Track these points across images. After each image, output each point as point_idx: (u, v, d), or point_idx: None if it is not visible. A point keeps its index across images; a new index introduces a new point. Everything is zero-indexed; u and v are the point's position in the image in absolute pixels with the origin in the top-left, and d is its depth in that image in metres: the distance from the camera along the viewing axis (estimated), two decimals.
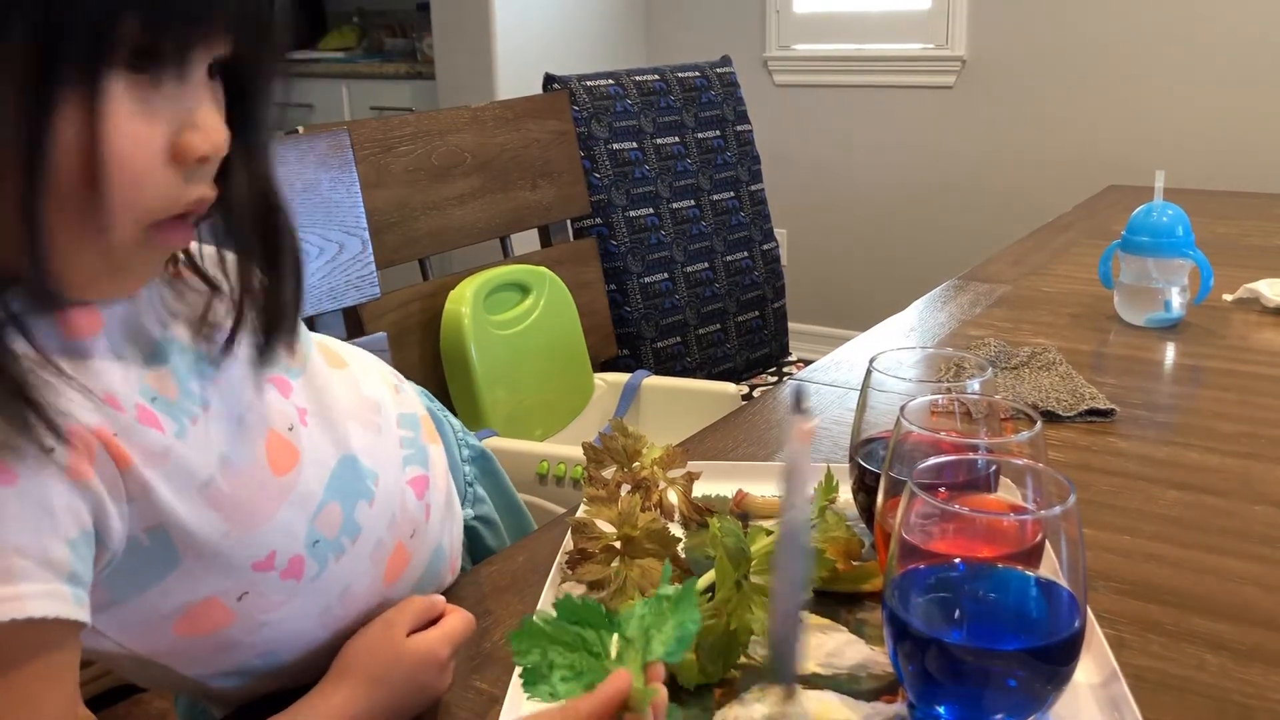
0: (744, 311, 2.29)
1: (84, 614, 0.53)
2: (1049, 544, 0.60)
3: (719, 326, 2.24)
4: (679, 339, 2.16)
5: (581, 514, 0.82)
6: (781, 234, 3.25)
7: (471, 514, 0.90)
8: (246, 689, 0.69)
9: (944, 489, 0.64)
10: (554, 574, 0.80)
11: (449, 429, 0.91)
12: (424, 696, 0.67)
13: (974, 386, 0.76)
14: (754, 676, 0.68)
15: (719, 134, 2.26)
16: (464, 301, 1.68)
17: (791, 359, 2.40)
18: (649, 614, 0.58)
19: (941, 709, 0.60)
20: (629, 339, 2.08)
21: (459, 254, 1.97)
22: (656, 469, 0.85)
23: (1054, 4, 3.00)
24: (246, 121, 0.58)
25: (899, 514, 0.60)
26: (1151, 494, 0.92)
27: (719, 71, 2.29)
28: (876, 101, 3.32)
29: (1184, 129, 2.88)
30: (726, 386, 1.84)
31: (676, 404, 1.85)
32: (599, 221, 2.04)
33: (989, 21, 3.11)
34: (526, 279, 1.80)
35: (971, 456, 0.68)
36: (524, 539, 0.92)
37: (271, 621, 0.65)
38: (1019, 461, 0.65)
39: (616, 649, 0.57)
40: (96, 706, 1.16)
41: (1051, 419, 1.07)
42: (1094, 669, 0.67)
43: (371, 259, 1.43)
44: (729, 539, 0.69)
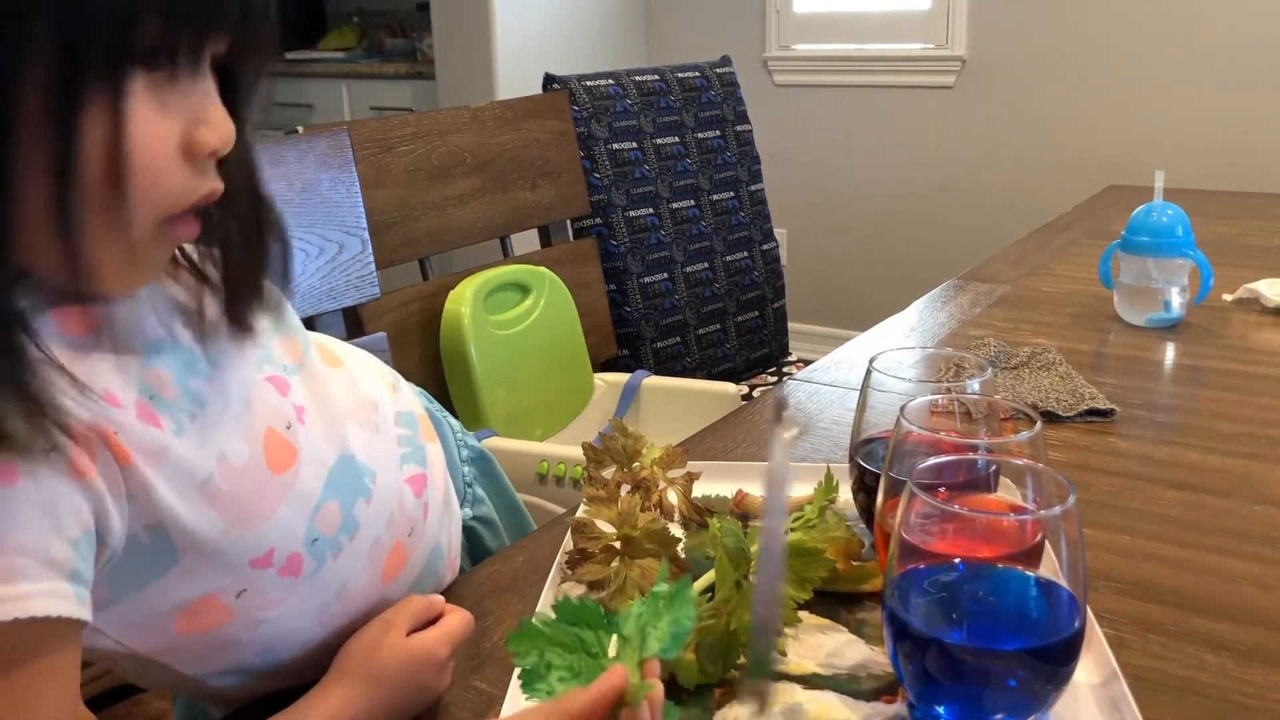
0: (744, 311, 2.29)
1: (86, 613, 0.54)
2: (1049, 544, 0.60)
3: (719, 326, 2.24)
4: (679, 339, 2.16)
5: (581, 514, 0.82)
6: (781, 234, 3.25)
7: (471, 514, 0.90)
8: (245, 688, 0.70)
9: (944, 489, 0.64)
10: (554, 574, 0.80)
11: (448, 429, 0.91)
12: (423, 696, 0.67)
13: (974, 386, 0.76)
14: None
15: (719, 134, 2.26)
16: (464, 301, 1.67)
17: (791, 359, 2.40)
18: (645, 612, 0.58)
19: (941, 709, 0.60)
20: (629, 339, 2.08)
21: (459, 254, 1.97)
22: (656, 469, 0.85)
23: (1054, 4, 3.00)
24: (235, 114, 0.59)
25: (899, 514, 0.60)
26: (1151, 494, 0.92)
27: (719, 71, 2.29)
28: (876, 101, 3.32)
29: (1184, 129, 2.87)
30: (726, 386, 1.84)
31: (676, 404, 1.84)
32: (599, 221, 2.04)
33: (989, 21, 3.11)
34: (526, 279, 1.80)
35: (971, 456, 0.68)
36: (524, 539, 0.92)
37: (270, 619, 0.65)
38: (1019, 461, 0.65)
39: (615, 649, 0.57)
40: (96, 706, 1.16)
41: (1051, 419, 1.07)
42: (1094, 669, 0.67)
43: (371, 259, 1.43)
44: (729, 539, 0.69)
